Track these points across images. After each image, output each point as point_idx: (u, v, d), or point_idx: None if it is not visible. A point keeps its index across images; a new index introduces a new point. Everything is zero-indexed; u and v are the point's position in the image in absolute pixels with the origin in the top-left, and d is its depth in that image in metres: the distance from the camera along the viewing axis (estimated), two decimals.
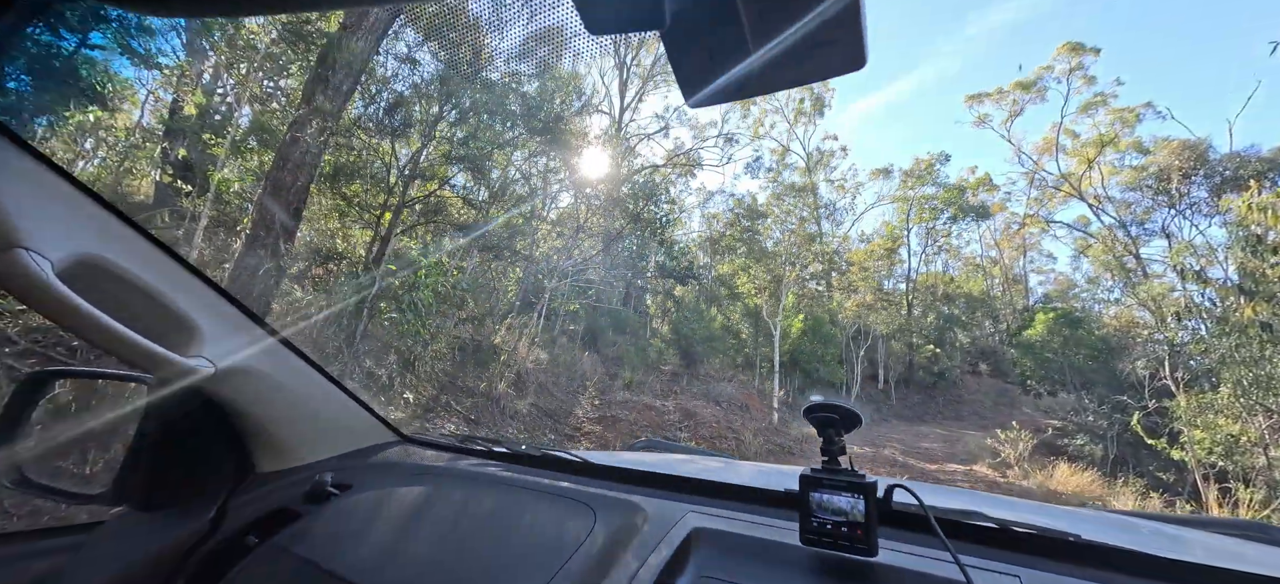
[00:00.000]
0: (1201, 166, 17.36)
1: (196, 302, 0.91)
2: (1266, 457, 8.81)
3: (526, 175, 10.57)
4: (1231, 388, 9.35)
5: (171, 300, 0.87)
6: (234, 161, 8.74)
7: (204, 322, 0.91)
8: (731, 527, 0.88)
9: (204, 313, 0.92)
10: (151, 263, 0.83)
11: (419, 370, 5.93)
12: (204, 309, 0.92)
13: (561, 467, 1.22)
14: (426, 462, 1.28)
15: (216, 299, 0.95)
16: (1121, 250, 19.81)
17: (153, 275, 0.83)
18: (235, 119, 8.94)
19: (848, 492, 0.76)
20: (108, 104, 9.37)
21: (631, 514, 0.92)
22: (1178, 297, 16.01)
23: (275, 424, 1.11)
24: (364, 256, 6.54)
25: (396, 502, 1.03)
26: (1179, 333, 13.90)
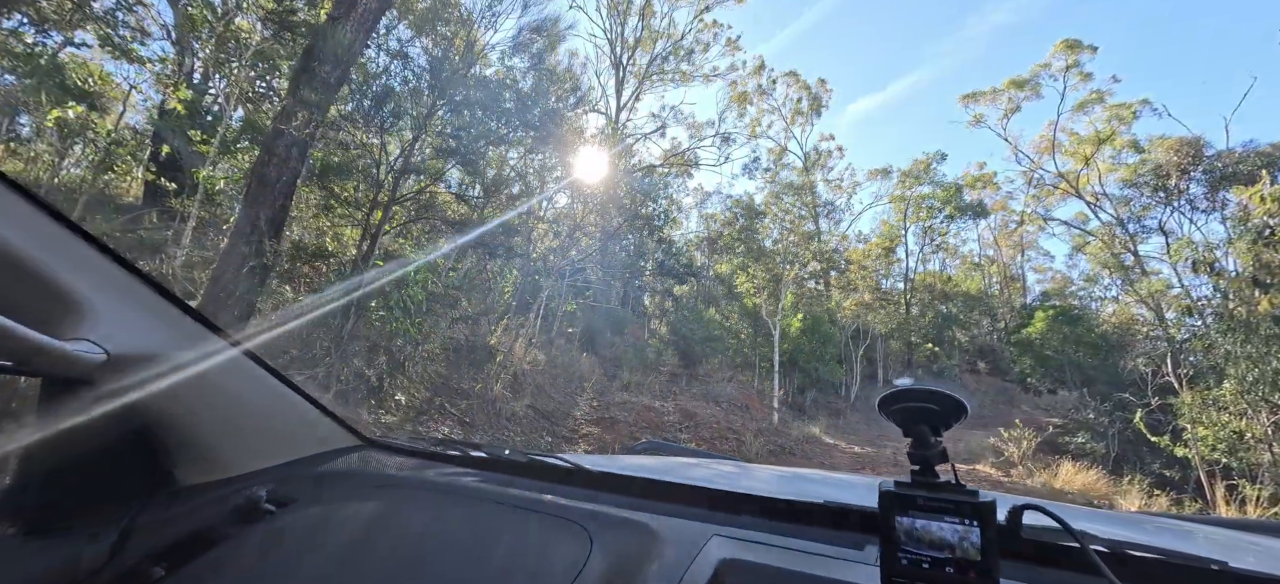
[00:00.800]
0: (1199, 163, 17.32)
1: (81, 271, 0.71)
2: (1272, 453, 8.70)
3: (522, 173, 10.39)
4: (1236, 384, 9.25)
5: (41, 266, 0.66)
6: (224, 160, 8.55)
7: (93, 297, 0.71)
8: (772, 557, 0.68)
9: (92, 286, 0.71)
10: (11, 218, 0.63)
11: (410, 371, 5.74)
12: (92, 281, 0.72)
13: (551, 475, 1.02)
14: (390, 471, 1.08)
15: (111, 269, 0.74)
16: (1120, 247, 19.75)
17: (14, 234, 0.63)
18: (226, 118, 8.75)
19: (954, 516, 0.55)
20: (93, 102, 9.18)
21: (638, 536, 0.74)
22: (1177, 293, 15.97)
23: (198, 427, 0.90)
24: (354, 255, 6.35)
25: (347, 520, 0.85)
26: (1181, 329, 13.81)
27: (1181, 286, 15.97)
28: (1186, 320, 13.96)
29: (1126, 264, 19.57)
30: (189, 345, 0.83)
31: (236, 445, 0.97)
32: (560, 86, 10.59)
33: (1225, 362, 9.76)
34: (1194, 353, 11.90)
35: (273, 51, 8.54)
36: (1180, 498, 9.90)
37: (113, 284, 0.74)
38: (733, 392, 13.13)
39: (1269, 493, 8.40)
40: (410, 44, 7.72)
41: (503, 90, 8.25)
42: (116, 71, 9.42)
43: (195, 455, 0.91)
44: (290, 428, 1.06)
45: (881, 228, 26.40)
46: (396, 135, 7.21)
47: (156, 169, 9.04)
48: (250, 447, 0.99)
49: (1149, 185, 18.36)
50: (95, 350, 0.69)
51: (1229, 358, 9.66)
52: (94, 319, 0.70)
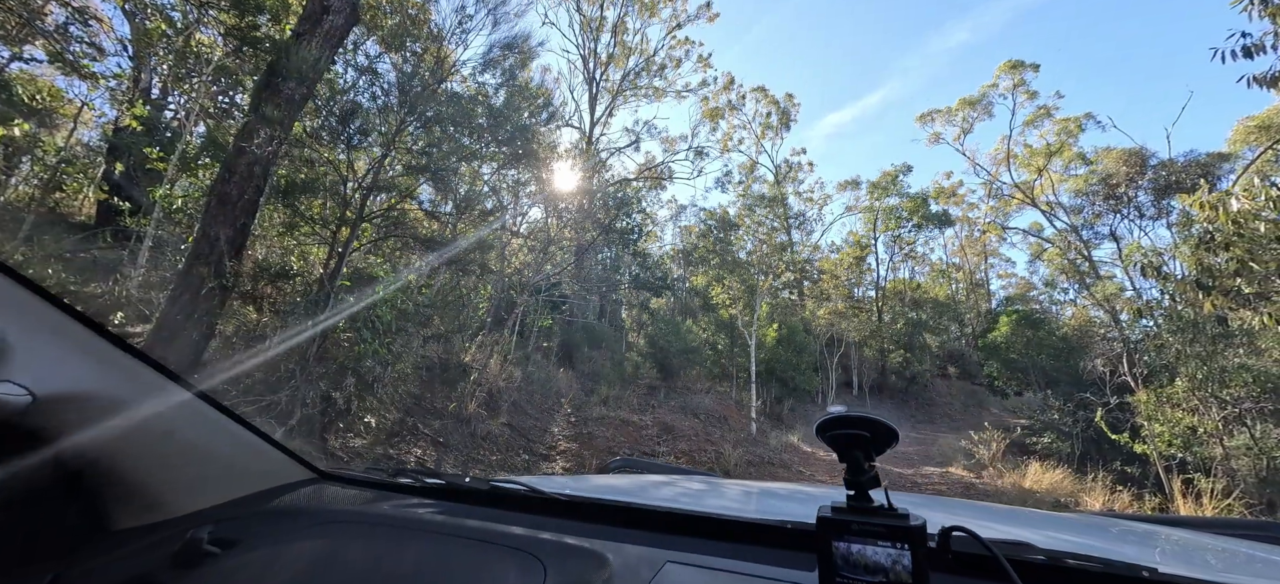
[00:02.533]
0: (1144, 172, 18.31)
1: (1, 310, 0.67)
2: (1223, 447, 9.13)
3: (495, 189, 10.32)
4: (1187, 381, 9.71)
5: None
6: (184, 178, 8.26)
7: (13, 336, 0.67)
8: (727, 583, 0.68)
9: (13, 325, 0.67)
10: None
11: (380, 392, 5.58)
12: (13, 320, 0.68)
13: (508, 502, 1.01)
14: (343, 504, 1.04)
15: (36, 305, 0.70)
16: (1075, 253, 20.66)
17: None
18: (186, 135, 8.47)
19: (887, 540, 0.56)
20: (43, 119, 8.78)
21: (589, 566, 0.73)
22: (1130, 296, 16.76)
23: (133, 466, 0.85)
24: (320, 274, 6.18)
25: (294, 560, 0.81)
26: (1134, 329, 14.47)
27: (1134, 290, 16.80)
28: (1140, 322, 14.66)
29: (1082, 269, 20.50)
30: (124, 383, 0.79)
31: (176, 485, 0.92)
32: (533, 102, 10.59)
33: (1176, 360, 10.24)
34: (1148, 352, 12.47)
35: (234, 67, 8.33)
36: (1141, 493, 10.29)
37: (38, 322, 0.70)
38: (711, 403, 13.16)
39: (1222, 485, 8.80)
40: (379, 60, 7.63)
41: (474, 106, 8.21)
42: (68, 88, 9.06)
43: (132, 497, 0.87)
44: (236, 463, 1.02)
45: (851, 238, 27.05)
46: (365, 152, 7.08)
47: (110, 187, 8.67)
48: (192, 485, 0.94)
49: (1099, 194, 19.32)
50: (19, 392, 0.65)
51: (1180, 357, 10.14)
52: (17, 360, 0.66)
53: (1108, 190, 18.93)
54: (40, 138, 8.34)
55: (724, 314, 16.31)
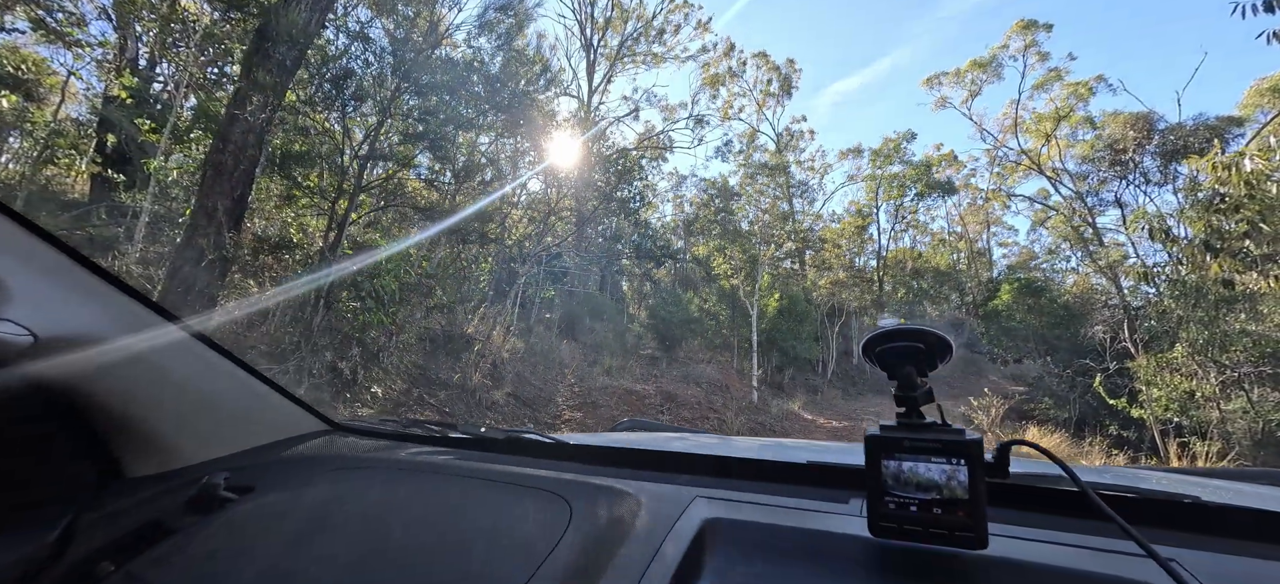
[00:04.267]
0: (1151, 137, 18.03)
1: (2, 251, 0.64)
2: (1220, 410, 9.22)
3: (494, 158, 10.17)
4: (1187, 346, 9.75)
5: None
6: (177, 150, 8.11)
7: (11, 276, 0.64)
8: (757, 515, 0.66)
9: (12, 264, 0.65)
10: None
11: (385, 362, 5.59)
12: (12, 259, 0.65)
13: (529, 450, 0.99)
14: (359, 453, 1.02)
15: (36, 246, 0.67)
16: (1079, 221, 20.52)
17: None
18: (177, 106, 8.29)
19: (941, 456, 0.53)
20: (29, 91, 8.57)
21: (618, 503, 0.71)
22: (1133, 263, 16.70)
23: (145, 413, 0.83)
24: (320, 246, 6.12)
25: (312, 503, 0.79)
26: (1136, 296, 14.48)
27: (1137, 256, 16.73)
28: (1142, 288, 14.65)
29: (1086, 236, 20.38)
30: (131, 328, 0.76)
31: (189, 433, 0.90)
32: (530, 69, 10.34)
33: (1177, 326, 10.27)
34: (1149, 319, 12.50)
35: (222, 33, 8.10)
36: (1136, 456, 10.44)
37: (39, 263, 0.67)
38: (713, 372, 13.25)
39: (1217, 448, 8.92)
40: (370, 25, 7.41)
41: (470, 72, 8.01)
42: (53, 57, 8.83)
43: (144, 445, 0.85)
44: (249, 414, 1.00)
45: (852, 207, 26.83)
46: (360, 120, 6.94)
47: (103, 161, 8.53)
48: (204, 434, 0.93)
49: (1105, 160, 19.06)
50: (20, 333, 0.62)
51: (1181, 322, 10.17)
52: (16, 300, 0.63)
53: (1114, 156, 18.67)
54: (29, 112, 8.16)
55: (725, 284, 16.29)
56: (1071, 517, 0.60)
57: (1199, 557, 0.51)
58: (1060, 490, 0.59)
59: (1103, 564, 0.51)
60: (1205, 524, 0.58)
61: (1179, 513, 0.60)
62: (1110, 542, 0.54)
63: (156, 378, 0.82)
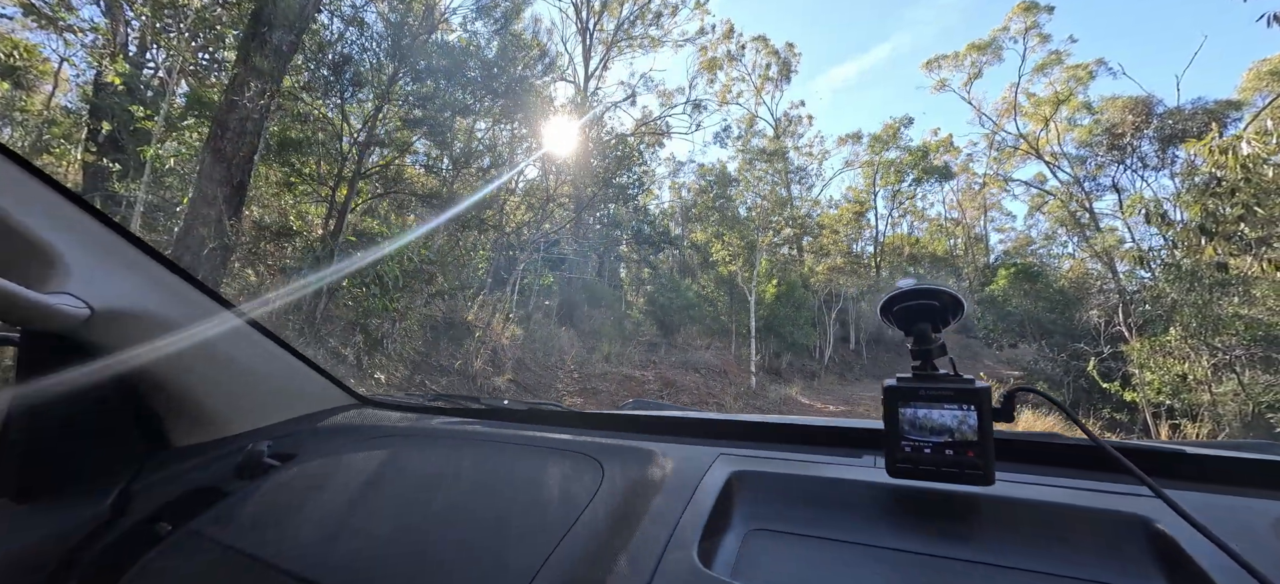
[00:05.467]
0: (1149, 121, 18.04)
1: (56, 226, 0.67)
2: (1211, 393, 9.35)
3: (492, 145, 10.12)
4: (1180, 330, 9.85)
5: (16, 221, 0.63)
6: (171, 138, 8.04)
7: (69, 252, 0.67)
8: (780, 468, 0.70)
9: (68, 241, 0.68)
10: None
11: (388, 349, 5.62)
12: (68, 236, 0.68)
13: (553, 420, 1.03)
14: (390, 422, 1.07)
15: (89, 224, 0.70)
16: (1076, 206, 20.58)
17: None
18: (170, 92, 8.19)
19: (953, 403, 0.58)
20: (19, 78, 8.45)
21: (647, 461, 0.75)
22: (1129, 248, 16.80)
23: (191, 387, 0.88)
24: (321, 233, 6.11)
25: (351, 469, 0.83)
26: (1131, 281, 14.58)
27: (1133, 241, 16.82)
28: (1137, 272, 14.75)
29: (1083, 221, 20.45)
30: (178, 305, 0.80)
31: (232, 405, 0.96)
32: (526, 54, 10.26)
33: (1171, 309, 10.37)
34: (1144, 303, 12.61)
35: (215, 18, 7.99)
36: (1129, 438, 10.60)
37: (93, 240, 0.71)
38: (711, 358, 13.33)
39: (1207, 430, 9.06)
40: (365, 9, 7.33)
41: (466, 57, 7.95)
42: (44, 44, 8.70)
43: (191, 415, 0.90)
44: (285, 387, 1.06)
45: (851, 193, 26.81)
46: (358, 107, 6.89)
47: (97, 150, 8.45)
48: (246, 406, 0.98)
49: (1103, 144, 19.08)
50: (79, 305, 0.65)
51: (1175, 306, 10.27)
52: (74, 275, 0.67)
53: (1112, 140, 18.69)
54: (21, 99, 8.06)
55: (723, 271, 16.31)
56: (1073, 466, 0.65)
57: (1187, 496, 0.55)
58: (1062, 444, 0.64)
59: (1100, 501, 0.56)
60: (1191, 472, 0.63)
61: (1166, 461, 0.65)
62: (1105, 484, 0.59)
63: (202, 353, 0.86)
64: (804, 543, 0.60)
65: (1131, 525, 0.51)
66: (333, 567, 0.61)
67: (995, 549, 0.54)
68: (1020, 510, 0.57)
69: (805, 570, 0.56)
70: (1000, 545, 0.55)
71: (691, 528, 0.58)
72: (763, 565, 0.57)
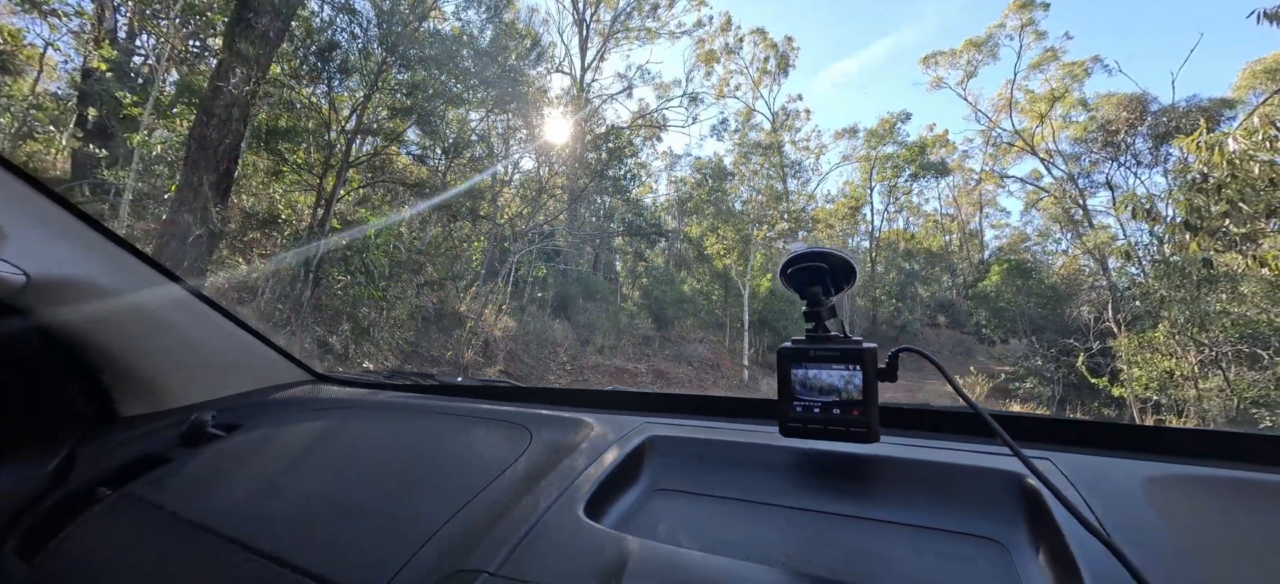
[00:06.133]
0: (1144, 119, 18.09)
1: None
2: (1197, 389, 9.45)
3: (484, 135, 10.07)
4: (1168, 326, 9.94)
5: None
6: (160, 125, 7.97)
7: (5, 219, 0.68)
8: (695, 433, 0.74)
9: (4, 209, 0.68)
10: None
11: (377, 338, 5.62)
12: (5, 204, 0.69)
13: (502, 395, 1.06)
14: (341, 398, 1.08)
15: (23, 190, 0.71)
16: (1070, 202, 20.66)
17: None
18: (158, 79, 8.12)
19: (840, 362, 0.60)
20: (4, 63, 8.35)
21: (576, 429, 0.78)
22: (1120, 243, 16.90)
23: (137, 357, 0.89)
24: (309, 221, 6.09)
25: (294, 439, 0.85)
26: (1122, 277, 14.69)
27: (1125, 237, 16.92)
28: (1128, 269, 14.86)
29: (1076, 218, 20.55)
30: (121, 275, 0.81)
31: (179, 377, 0.97)
32: (520, 44, 10.20)
33: (1160, 305, 10.46)
34: (1133, 299, 12.72)
35: (203, 4, 7.91)
36: None
37: (27, 207, 0.72)
38: (704, 352, 13.37)
39: (1192, 426, 9.17)
40: None
41: (459, 46, 7.90)
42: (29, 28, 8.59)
43: (136, 386, 0.92)
44: (236, 361, 1.07)
45: (847, 188, 26.83)
46: (347, 95, 6.85)
47: (84, 136, 8.37)
48: (194, 378, 0.99)
49: (1097, 141, 19.14)
50: (14, 272, 0.66)
51: (1163, 301, 10.35)
52: (9, 242, 0.68)
53: (1106, 137, 18.75)
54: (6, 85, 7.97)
55: (718, 264, 16.34)
56: (963, 432, 0.69)
57: (1062, 457, 0.60)
58: (951, 411, 0.66)
59: (980, 461, 0.59)
60: (1070, 438, 0.67)
61: (1049, 428, 0.69)
62: (991, 447, 0.63)
63: (149, 324, 0.88)
64: (702, 500, 0.62)
65: (1006, 482, 0.53)
66: (261, 526, 0.62)
67: (882, 505, 0.56)
68: (906, 469, 0.60)
69: (694, 523, 0.58)
70: (887, 501, 0.57)
71: (590, 486, 0.60)
72: (651, 518, 0.60)
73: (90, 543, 0.67)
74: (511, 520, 0.55)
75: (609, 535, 0.52)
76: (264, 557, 0.56)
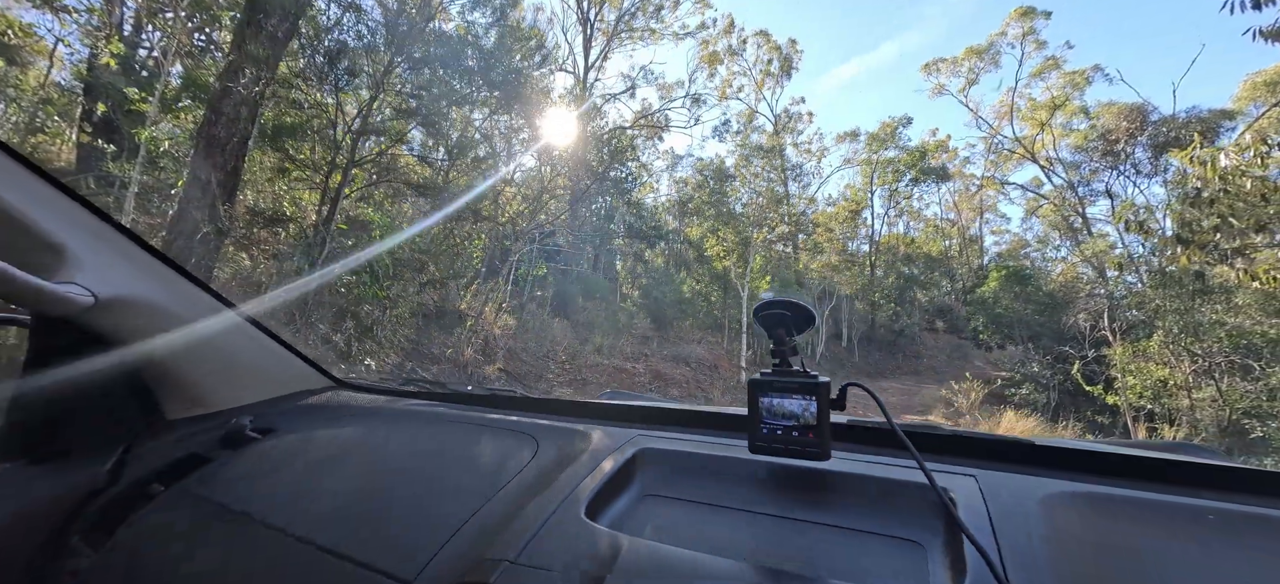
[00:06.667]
0: (1144, 128, 18.17)
1: (64, 223, 0.78)
2: (1190, 398, 9.54)
3: (488, 135, 10.16)
4: (1163, 335, 10.03)
5: (30, 219, 0.73)
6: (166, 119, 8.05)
7: (76, 246, 0.78)
8: (679, 446, 0.84)
9: (75, 236, 0.79)
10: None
11: (379, 336, 5.72)
12: (75, 232, 0.79)
13: (508, 404, 1.17)
14: (361, 403, 1.19)
15: (92, 221, 0.82)
16: (1069, 210, 20.74)
17: None
18: (164, 75, 8.20)
19: (799, 393, 0.71)
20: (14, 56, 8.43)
21: (576, 439, 0.88)
22: (1118, 253, 16.99)
23: (182, 367, 1.00)
24: (314, 220, 6.18)
25: (324, 442, 0.95)
26: (1118, 285, 14.78)
27: (1124, 246, 17.01)
28: (1125, 278, 14.95)
29: (1075, 226, 20.65)
30: (172, 295, 0.92)
31: (218, 384, 1.08)
32: (525, 45, 10.28)
33: (1155, 315, 10.56)
34: (1130, 308, 12.81)
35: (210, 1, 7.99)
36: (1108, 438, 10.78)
37: (97, 235, 0.83)
38: (702, 352, 13.47)
39: (1184, 434, 9.26)
40: None
41: (464, 47, 7.98)
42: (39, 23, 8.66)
43: (181, 393, 1.03)
44: (267, 369, 1.18)
45: (848, 191, 26.90)
46: (353, 94, 6.93)
47: (92, 130, 8.45)
48: (231, 385, 1.10)
49: (1098, 150, 19.22)
50: (84, 293, 0.76)
51: (1158, 311, 10.44)
52: (80, 267, 0.78)
53: (1106, 146, 18.84)
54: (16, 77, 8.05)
55: (718, 265, 16.43)
56: (894, 448, 0.79)
57: (987, 474, 0.70)
58: (886, 428, 0.77)
59: (907, 474, 0.69)
60: (985, 453, 0.78)
61: (983, 446, 0.79)
62: (906, 461, 0.73)
63: (194, 338, 0.99)
64: (683, 505, 0.73)
65: (928, 494, 0.62)
66: (303, 519, 0.72)
67: (831, 512, 0.66)
68: (852, 482, 0.70)
69: (676, 525, 0.69)
70: (835, 509, 0.67)
71: (590, 491, 0.70)
72: (641, 520, 0.70)
73: (151, 533, 0.77)
74: (524, 519, 0.65)
75: (606, 534, 0.61)
76: (309, 545, 0.66)
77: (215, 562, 0.69)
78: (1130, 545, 0.54)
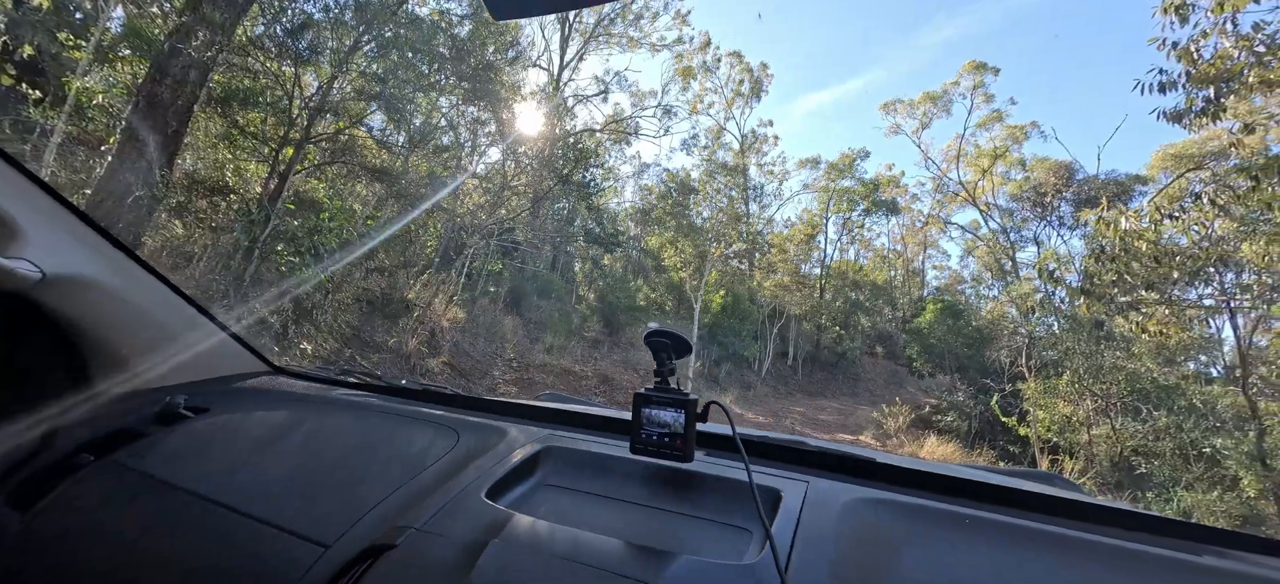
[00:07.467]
0: (1069, 185, 19.86)
1: (13, 197, 0.82)
2: (1089, 434, 10.49)
3: (453, 124, 10.02)
4: (1070, 375, 10.99)
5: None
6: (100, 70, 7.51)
7: (26, 222, 0.82)
8: (578, 445, 0.97)
9: (26, 212, 0.83)
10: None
11: (318, 320, 5.56)
12: (26, 208, 0.83)
13: (439, 399, 1.26)
14: (297, 390, 1.25)
15: (43, 199, 0.86)
16: (1001, 253, 22.35)
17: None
18: (102, 19, 7.65)
19: (672, 407, 0.86)
20: None
21: (493, 435, 0.99)
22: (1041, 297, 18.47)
23: (121, 344, 1.04)
24: (259, 194, 5.95)
25: (257, 424, 1.02)
26: (1036, 326, 16.08)
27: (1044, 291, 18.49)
28: (1044, 320, 16.26)
29: (1006, 269, 22.27)
30: (117, 273, 0.96)
31: (155, 361, 1.12)
32: (499, 38, 10.22)
33: (1065, 356, 11.57)
34: (1045, 348, 13.95)
35: None
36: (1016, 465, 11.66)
37: (46, 213, 0.87)
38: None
39: (1080, 466, 10.18)
40: None
41: (436, 33, 7.88)
42: None
43: (118, 368, 1.07)
44: (207, 351, 1.23)
45: (805, 215, 27.93)
46: (314, 68, 6.73)
47: (15, 72, 7.77)
48: (167, 364, 1.15)
49: (1029, 200, 20.86)
50: (33, 269, 0.81)
51: (1068, 353, 11.44)
52: (28, 242, 0.82)
53: (1037, 197, 20.47)
54: None
55: (675, 276, 16.72)
56: (746, 454, 0.93)
57: (818, 480, 0.86)
58: (748, 438, 0.94)
59: (760, 478, 0.84)
60: (814, 462, 0.94)
61: (817, 457, 0.95)
62: (762, 467, 0.89)
63: (133, 315, 1.03)
64: (573, 494, 0.86)
65: (762, 493, 0.78)
66: (235, 493, 0.79)
67: (690, 504, 0.82)
68: (708, 480, 0.86)
69: (564, 510, 0.81)
70: (693, 501, 0.83)
71: (495, 477, 0.82)
72: (536, 504, 0.83)
73: (81, 501, 0.82)
74: (435, 498, 0.76)
75: (502, 512, 0.73)
76: (234, 512, 0.74)
77: (140, 528, 0.76)
78: (893, 539, 0.71)
